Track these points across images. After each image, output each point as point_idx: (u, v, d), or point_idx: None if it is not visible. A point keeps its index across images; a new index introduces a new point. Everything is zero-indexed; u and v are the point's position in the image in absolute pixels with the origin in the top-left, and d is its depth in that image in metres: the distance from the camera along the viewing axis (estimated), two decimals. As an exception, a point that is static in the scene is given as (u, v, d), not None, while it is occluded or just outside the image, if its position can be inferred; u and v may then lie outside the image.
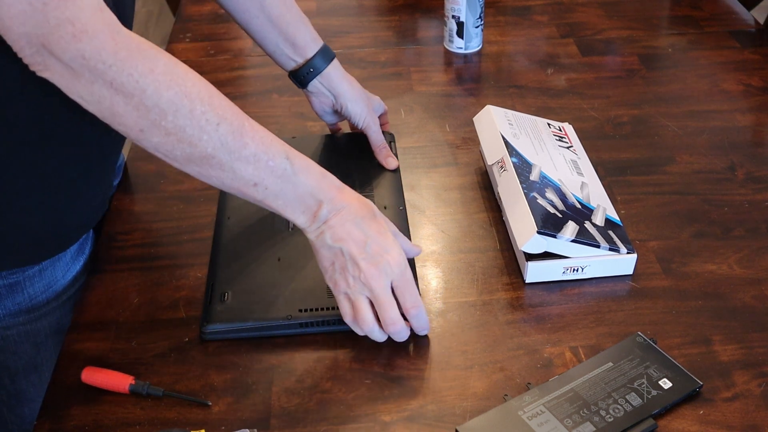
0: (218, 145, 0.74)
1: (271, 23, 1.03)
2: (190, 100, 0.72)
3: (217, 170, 0.76)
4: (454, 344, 0.87)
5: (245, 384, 0.83)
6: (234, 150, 0.75)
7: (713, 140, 1.16)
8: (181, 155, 0.75)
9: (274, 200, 0.79)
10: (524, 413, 0.77)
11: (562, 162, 1.04)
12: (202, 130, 0.73)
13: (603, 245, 0.92)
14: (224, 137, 0.74)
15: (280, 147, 0.78)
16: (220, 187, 0.79)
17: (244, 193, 0.79)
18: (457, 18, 1.37)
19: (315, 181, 0.80)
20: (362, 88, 1.09)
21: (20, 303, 0.92)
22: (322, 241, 0.81)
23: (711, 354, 0.84)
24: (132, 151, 1.18)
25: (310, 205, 0.80)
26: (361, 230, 0.81)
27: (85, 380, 0.82)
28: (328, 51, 1.06)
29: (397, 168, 1.08)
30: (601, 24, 1.48)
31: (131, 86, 0.69)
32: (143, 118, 0.71)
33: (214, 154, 0.74)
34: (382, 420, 0.79)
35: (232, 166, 0.76)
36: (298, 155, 0.80)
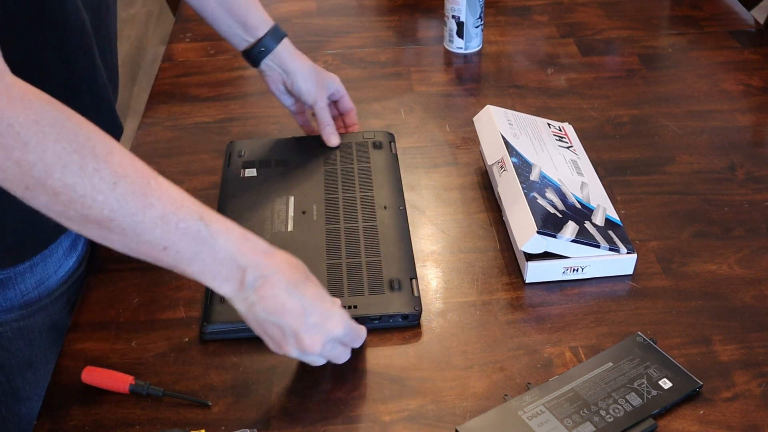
0: (116, 207, 0.66)
1: (222, 6, 1.05)
2: (80, 156, 0.64)
3: (119, 234, 0.67)
4: (454, 344, 0.87)
5: (245, 384, 0.83)
6: (136, 212, 0.67)
7: (713, 140, 1.16)
8: (76, 216, 0.66)
9: (189, 265, 0.71)
10: (524, 413, 0.77)
11: (562, 162, 1.04)
12: (95, 189, 0.65)
13: (603, 245, 0.92)
14: (123, 198, 0.66)
15: (193, 207, 0.71)
16: (127, 251, 0.70)
17: (155, 259, 0.70)
18: (457, 18, 1.37)
19: (236, 245, 0.72)
20: (314, 66, 1.11)
21: (12, 299, 0.92)
22: (254, 313, 0.74)
23: (711, 354, 0.84)
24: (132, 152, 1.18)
25: (234, 272, 0.72)
26: (297, 299, 0.74)
27: (85, 380, 0.82)
28: (279, 30, 1.09)
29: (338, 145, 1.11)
30: (601, 24, 1.48)
31: (11, 138, 0.62)
32: (27, 175, 0.63)
33: (113, 216, 0.66)
34: (382, 420, 0.79)
35: (135, 229, 0.67)
36: (216, 216, 0.72)
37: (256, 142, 1.14)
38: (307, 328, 0.74)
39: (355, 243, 0.95)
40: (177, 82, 1.35)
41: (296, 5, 1.57)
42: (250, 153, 1.11)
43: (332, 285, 0.90)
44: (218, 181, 1.09)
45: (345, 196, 1.03)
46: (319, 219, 0.99)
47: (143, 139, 1.21)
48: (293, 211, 1.01)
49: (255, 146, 1.13)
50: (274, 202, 1.02)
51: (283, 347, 0.76)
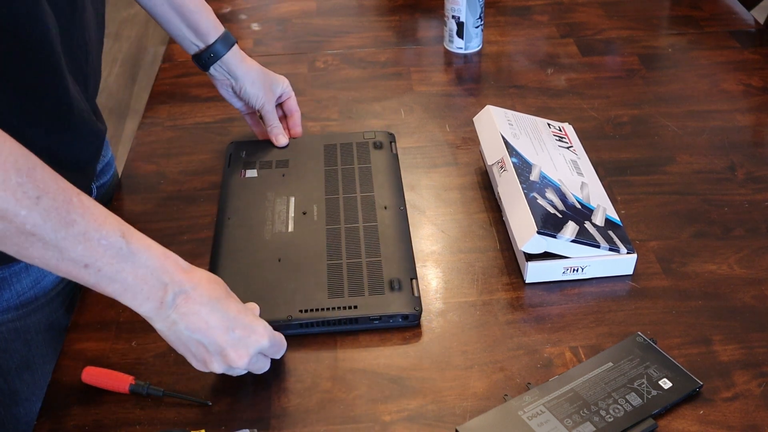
0: (39, 222, 0.65)
1: (173, 10, 1.06)
2: (4, 171, 0.63)
3: (41, 250, 0.67)
4: (454, 344, 0.87)
5: (245, 384, 0.83)
6: (59, 228, 0.66)
7: (713, 140, 1.16)
8: None
9: (110, 284, 0.70)
10: (524, 413, 0.77)
11: (562, 162, 1.04)
12: (18, 203, 0.64)
13: (603, 245, 0.92)
14: (46, 213, 0.65)
15: (115, 224, 0.70)
16: (46, 268, 0.69)
17: (75, 277, 0.70)
18: (457, 18, 1.37)
19: (157, 261, 0.72)
20: (262, 70, 1.12)
21: (8, 300, 0.92)
22: (175, 332, 0.74)
23: (711, 354, 0.84)
24: (132, 152, 1.18)
25: (155, 289, 0.72)
26: (220, 315, 0.74)
27: (85, 380, 0.82)
28: (229, 37, 1.09)
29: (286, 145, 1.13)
30: (601, 24, 1.48)
31: None
32: None
33: (35, 231, 0.65)
34: (382, 420, 0.79)
35: (58, 245, 0.67)
36: (138, 234, 0.72)
37: (256, 142, 1.14)
38: (233, 342, 0.75)
39: (355, 243, 0.95)
40: (177, 82, 1.35)
41: (296, 5, 1.57)
42: (251, 153, 1.11)
43: (332, 285, 0.90)
44: (218, 181, 1.09)
45: (345, 196, 1.03)
46: (319, 219, 0.99)
47: (143, 139, 1.21)
48: (294, 211, 1.01)
49: (256, 147, 1.13)
50: (274, 203, 1.02)
51: (208, 365, 0.75)
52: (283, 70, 1.21)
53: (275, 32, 1.48)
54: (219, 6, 1.57)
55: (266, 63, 1.15)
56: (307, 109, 1.26)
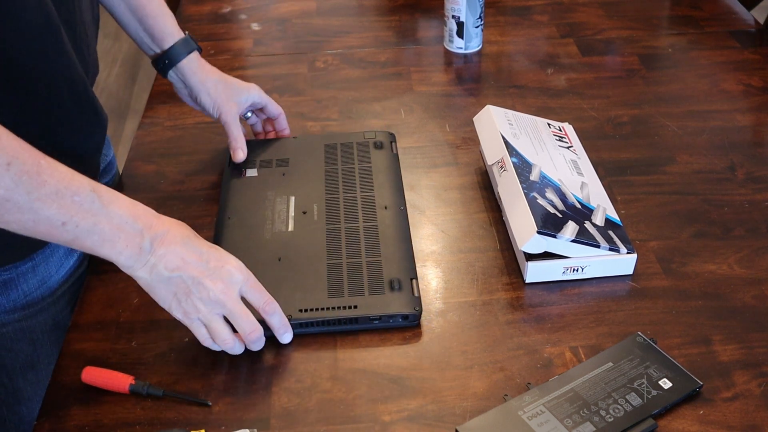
0: (12, 186, 0.68)
1: (131, 12, 1.05)
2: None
3: (16, 214, 0.69)
4: (454, 344, 0.87)
5: (245, 384, 0.83)
6: (31, 190, 0.69)
7: (713, 140, 1.16)
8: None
9: (88, 237, 0.73)
10: (524, 413, 0.77)
11: (562, 162, 1.04)
12: None
13: (603, 245, 0.92)
14: (18, 177, 0.68)
15: (84, 181, 0.73)
16: (24, 232, 0.72)
17: (53, 236, 0.73)
18: (457, 18, 1.37)
19: (128, 210, 0.76)
20: (224, 81, 1.09)
21: (15, 300, 0.92)
22: (157, 275, 0.77)
23: (711, 354, 0.84)
24: (132, 152, 1.18)
25: (131, 236, 0.75)
26: (193, 250, 0.79)
27: (85, 380, 0.82)
28: (189, 43, 1.07)
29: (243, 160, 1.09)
30: (601, 24, 1.48)
31: None
32: None
33: (9, 196, 0.68)
34: (382, 420, 0.79)
35: (32, 206, 0.69)
36: (105, 188, 0.75)
37: (257, 142, 1.14)
38: (209, 273, 0.79)
39: (355, 243, 0.95)
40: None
41: (296, 5, 1.57)
42: (251, 153, 1.11)
43: (332, 285, 0.90)
44: (218, 181, 1.09)
45: (346, 196, 1.03)
46: (319, 219, 0.99)
47: (143, 139, 1.21)
48: (294, 211, 1.01)
49: (256, 146, 1.13)
50: (274, 202, 1.02)
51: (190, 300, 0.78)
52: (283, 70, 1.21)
53: (275, 32, 1.48)
54: (219, 6, 1.57)
55: (266, 63, 1.15)
56: (307, 109, 1.26)
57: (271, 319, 0.84)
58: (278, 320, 0.84)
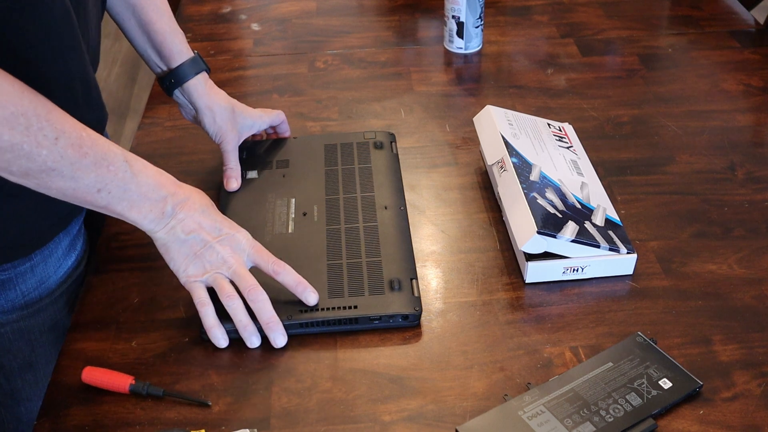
0: (58, 159, 0.75)
1: (140, 28, 1.04)
2: (25, 118, 0.72)
3: (59, 182, 0.77)
4: (454, 344, 0.87)
5: (245, 384, 0.83)
6: (75, 161, 0.76)
7: (713, 140, 1.16)
8: (18, 170, 0.74)
9: (119, 203, 0.81)
10: (524, 413, 0.77)
11: (562, 162, 1.04)
12: (40, 145, 0.73)
13: (603, 245, 0.92)
14: (64, 150, 0.75)
15: (118, 151, 0.81)
16: (62, 197, 0.79)
17: (88, 201, 0.80)
18: (457, 18, 1.37)
19: (155, 178, 0.84)
20: (230, 108, 1.07)
21: (13, 300, 0.92)
22: (174, 236, 0.85)
23: (711, 354, 0.84)
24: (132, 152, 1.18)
25: (156, 202, 0.83)
26: (209, 218, 0.86)
27: (85, 380, 0.82)
28: (197, 64, 1.06)
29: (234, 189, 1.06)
30: (601, 24, 1.48)
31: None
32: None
33: (55, 167, 0.75)
34: (382, 420, 0.79)
35: (74, 175, 0.77)
36: (135, 157, 0.83)
37: (257, 142, 1.14)
38: (220, 239, 0.86)
39: (355, 243, 0.95)
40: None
41: (296, 5, 1.57)
42: (252, 154, 1.11)
43: (332, 285, 0.90)
44: (218, 181, 1.09)
45: (346, 196, 1.03)
46: (319, 220, 0.99)
47: (143, 139, 1.21)
48: (294, 212, 1.01)
49: (256, 147, 1.13)
50: (275, 204, 1.02)
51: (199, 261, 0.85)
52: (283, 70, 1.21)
53: (275, 32, 1.48)
54: (219, 6, 1.57)
55: (266, 63, 1.15)
56: (307, 109, 1.26)
57: (284, 278, 0.87)
58: (291, 278, 0.88)
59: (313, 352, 0.86)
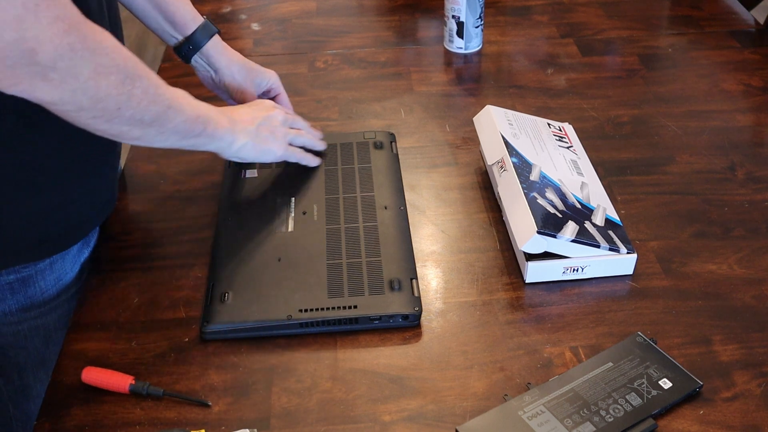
0: (165, 101, 0.82)
1: (150, 2, 1.06)
2: (146, 78, 0.79)
3: (175, 118, 0.84)
4: (454, 344, 0.87)
5: (245, 384, 0.83)
6: (171, 99, 0.83)
7: (713, 140, 1.16)
8: (150, 118, 0.81)
9: (209, 124, 0.90)
10: (524, 413, 0.77)
11: (562, 162, 1.04)
12: (159, 86, 0.81)
13: (603, 245, 0.92)
14: (166, 89, 0.83)
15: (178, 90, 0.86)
16: (174, 135, 0.86)
17: (193, 131, 0.88)
18: (457, 18, 1.37)
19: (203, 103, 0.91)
20: (244, 63, 1.12)
21: (32, 297, 0.93)
22: (252, 133, 0.96)
23: (711, 354, 0.84)
24: (132, 152, 1.18)
25: (221, 115, 0.92)
26: (243, 107, 1.00)
27: (85, 380, 0.82)
28: (209, 27, 1.09)
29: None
30: (601, 24, 1.48)
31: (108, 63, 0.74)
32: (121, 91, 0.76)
33: (171, 103, 0.83)
34: (382, 420, 0.79)
35: (182, 108, 0.85)
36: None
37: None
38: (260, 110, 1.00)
39: (355, 243, 0.95)
40: (177, 82, 1.33)
41: (296, 5, 1.57)
42: None
43: (332, 285, 0.90)
44: (218, 181, 1.09)
45: (345, 196, 1.03)
46: (319, 219, 0.99)
47: (143, 139, 1.21)
48: (294, 211, 1.01)
49: None
50: (275, 203, 1.02)
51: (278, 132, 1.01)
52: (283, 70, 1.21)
53: (275, 32, 1.48)
54: (219, 6, 1.57)
55: (266, 63, 1.15)
56: (307, 109, 1.26)
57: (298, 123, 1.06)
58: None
59: (313, 352, 0.86)
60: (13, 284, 0.91)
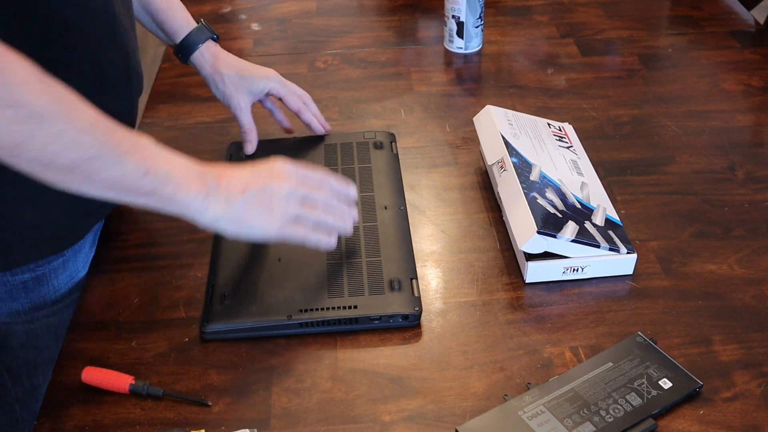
0: (100, 143, 0.71)
1: (143, 8, 1.07)
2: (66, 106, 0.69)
3: (104, 170, 0.72)
4: (454, 344, 0.87)
5: (245, 384, 0.83)
6: (115, 145, 0.72)
7: (713, 140, 1.16)
8: (64, 163, 0.70)
9: (166, 185, 0.76)
10: (524, 413, 0.77)
11: (562, 162, 1.04)
12: (81, 131, 0.70)
13: (603, 245, 0.92)
14: (103, 135, 0.71)
15: (143, 136, 0.76)
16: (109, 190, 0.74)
17: (135, 188, 0.75)
18: (457, 18, 1.37)
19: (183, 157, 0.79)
20: (239, 71, 1.08)
21: (45, 295, 0.94)
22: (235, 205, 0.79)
23: (711, 354, 0.84)
24: (132, 151, 1.18)
25: (198, 177, 0.78)
26: (244, 170, 0.82)
27: (85, 380, 0.82)
28: (201, 34, 1.08)
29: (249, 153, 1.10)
30: (601, 24, 1.48)
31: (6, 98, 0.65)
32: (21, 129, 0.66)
33: (99, 153, 0.71)
34: (382, 420, 0.79)
35: (119, 160, 0.72)
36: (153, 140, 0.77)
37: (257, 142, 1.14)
38: (267, 176, 0.82)
39: (355, 243, 0.95)
40: (177, 82, 1.35)
41: (296, 5, 1.57)
42: (252, 154, 1.11)
43: (332, 285, 0.90)
44: (218, 181, 1.09)
45: (345, 196, 1.03)
46: (319, 219, 0.99)
47: (143, 139, 1.21)
48: (293, 211, 1.01)
49: (256, 146, 1.13)
50: (274, 202, 1.02)
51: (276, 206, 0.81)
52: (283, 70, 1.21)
53: (275, 32, 1.48)
54: (219, 6, 1.57)
55: (266, 63, 1.15)
56: (307, 109, 1.26)
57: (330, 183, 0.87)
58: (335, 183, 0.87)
59: (313, 352, 0.86)
60: (27, 283, 0.92)
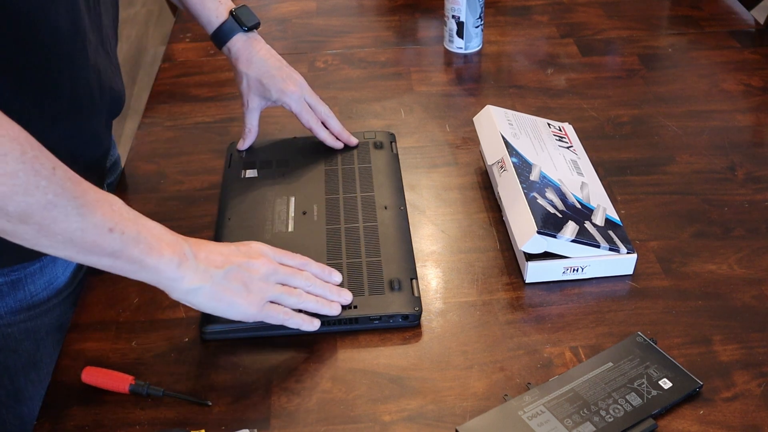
0: (59, 190, 0.65)
1: (181, 3, 1.09)
2: (19, 144, 0.63)
3: (63, 222, 0.66)
4: (454, 344, 0.87)
5: (245, 384, 0.83)
6: (77, 195, 0.67)
7: (713, 140, 1.16)
8: (16, 210, 0.64)
9: (135, 245, 0.71)
10: (524, 413, 0.77)
11: (562, 162, 1.04)
12: (38, 175, 0.64)
13: (603, 245, 0.92)
14: (63, 182, 0.66)
15: (109, 194, 0.72)
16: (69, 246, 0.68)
17: (98, 246, 0.69)
18: (457, 18, 1.36)
19: (155, 223, 0.74)
20: (264, 74, 1.09)
21: (21, 300, 0.92)
22: (214, 278, 0.77)
23: (711, 354, 0.84)
24: (132, 152, 1.18)
25: (173, 242, 0.74)
26: (222, 246, 0.80)
27: (85, 380, 0.82)
28: (230, 29, 1.08)
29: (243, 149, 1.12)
30: (601, 24, 1.48)
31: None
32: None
33: (57, 201, 0.65)
34: (382, 420, 0.79)
35: (80, 211, 0.67)
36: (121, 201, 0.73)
37: (256, 142, 1.14)
38: (247, 255, 0.80)
39: (355, 243, 0.95)
40: (177, 82, 1.35)
41: (296, 5, 1.57)
42: (251, 153, 1.11)
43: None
44: (218, 181, 1.09)
45: (346, 196, 1.03)
46: (319, 219, 0.99)
47: (143, 139, 1.21)
48: (294, 211, 1.01)
49: (256, 146, 1.13)
50: (274, 203, 1.02)
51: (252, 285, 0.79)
52: (283, 70, 1.21)
53: (275, 32, 1.48)
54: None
55: (266, 63, 1.15)
56: (307, 109, 1.26)
57: (310, 269, 0.86)
58: (316, 269, 0.87)
59: (313, 352, 0.86)
60: (1, 287, 0.91)
